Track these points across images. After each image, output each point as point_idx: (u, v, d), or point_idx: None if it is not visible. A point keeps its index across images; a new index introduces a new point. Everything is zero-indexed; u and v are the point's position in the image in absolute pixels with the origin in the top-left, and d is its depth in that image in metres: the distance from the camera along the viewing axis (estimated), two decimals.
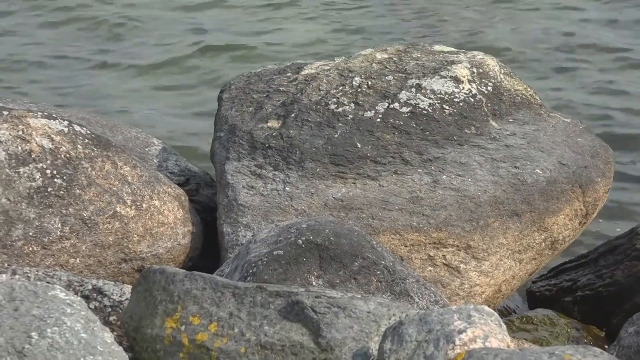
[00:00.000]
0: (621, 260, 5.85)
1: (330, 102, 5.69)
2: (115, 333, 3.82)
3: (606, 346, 5.03)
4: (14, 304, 3.48)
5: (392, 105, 5.67)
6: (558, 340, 5.34)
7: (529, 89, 6.14)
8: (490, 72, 5.96)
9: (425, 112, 5.66)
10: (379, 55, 6.01)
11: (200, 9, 11.69)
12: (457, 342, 3.34)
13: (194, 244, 5.36)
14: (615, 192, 6.56)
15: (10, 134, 5.01)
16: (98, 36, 11.20)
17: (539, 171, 5.53)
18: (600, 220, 6.33)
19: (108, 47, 10.75)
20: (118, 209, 5.11)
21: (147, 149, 5.99)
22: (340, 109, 5.66)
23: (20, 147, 5.00)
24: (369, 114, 5.64)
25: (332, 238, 4.37)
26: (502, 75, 6.01)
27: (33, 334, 3.36)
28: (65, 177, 5.03)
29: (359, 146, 5.51)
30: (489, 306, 4.28)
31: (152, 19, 11.44)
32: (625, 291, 5.73)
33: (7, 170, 4.92)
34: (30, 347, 3.32)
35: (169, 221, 5.26)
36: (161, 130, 7.91)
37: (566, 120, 6.03)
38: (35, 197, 4.94)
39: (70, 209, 4.99)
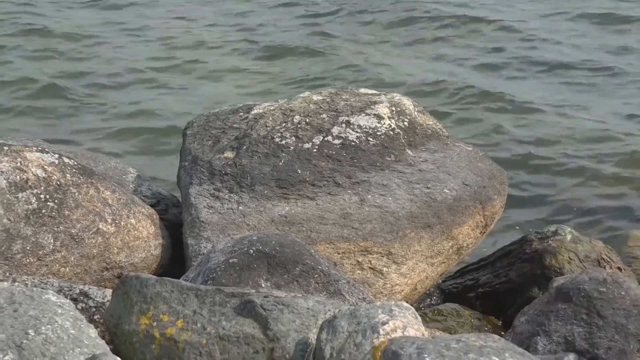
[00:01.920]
0: (514, 263, 5.87)
1: (275, 136, 5.68)
2: (98, 329, 3.78)
3: (502, 333, 5.03)
4: (13, 306, 3.45)
5: (326, 138, 5.66)
6: (464, 329, 5.35)
7: (437, 123, 6.16)
8: (406, 110, 5.97)
9: (353, 143, 5.66)
10: (314, 97, 6.01)
11: None
12: (381, 332, 3.33)
13: (164, 254, 5.33)
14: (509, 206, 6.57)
15: (10, 165, 4.97)
16: None
17: (446, 191, 5.54)
18: (497, 230, 6.33)
19: None
20: (101, 226, 5.07)
21: (124, 177, 5.96)
22: (283, 142, 5.65)
23: (18, 176, 4.96)
24: (307, 145, 5.63)
25: (277, 248, 4.36)
26: (416, 113, 6.02)
27: (30, 331, 3.33)
28: (56, 201, 5.00)
29: (299, 172, 5.50)
30: (407, 302, 4.27)
31: None
32: (518, 288, 5.75)
33: (8, 195, 4.88)
34: (27, 342, 3.29)
35: (143, 236, 5.23)
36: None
37: (468, 148, 6.05)
38: (31, 217, 4.91)
39: (60, 227, 4.96)
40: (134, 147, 8.64)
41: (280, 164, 5.53)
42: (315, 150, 5.61)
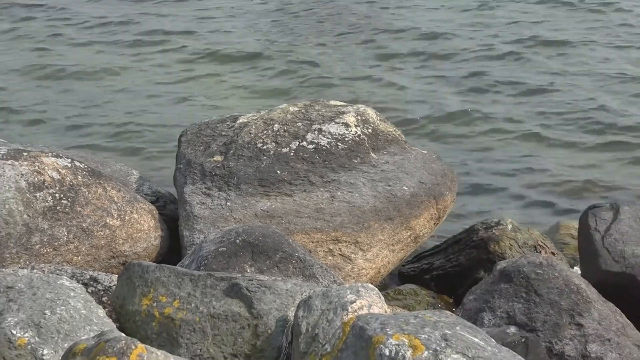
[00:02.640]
0: (463, 249, 5.89)
1: (257, 142, 5.68)
2: (106, 309, 3.78)
3: (454, 309, 5.04)
4: (32, 290, 3.45)
5: (301, 144, 5.67)
6: (420, 306, 5.36)
7: (397, 130, 6.17)
8: (370, 119, 5.98)
9: (325, 148, 5.66)
10: (291, 108, 6.01)
11: None
12: (350, 309, 3.34)
13: (163, 244, 5.32)
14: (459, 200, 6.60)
15: (29, 169, 4.96)
16: None
17: (405, 188, 5.55)
18: (448, 221, 6.35)
19: None
20: (108, 220, 5.06)
21: (128, 178, 5.95)
22: (264, 147, 5.65)
23: (36, 178, 4.95)
24: (285, 149, 5.63)
25: (260, 238, 4.36)
26: (378, 121, 6.03)
27: (47, 311, 3.33)
28: (69, 199, 4.99)
29: (279, 173, 5.50)
30: (372, 284, 4.28)
31: None
32: (466, 270, 5.76)
33: (27, 194, 4.87)
34: (44, 321, 3.29)
35: (145, 229, 5.23)
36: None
37: (423, 151, 6.07)
38: (47, 213, 4.90)
39: (73, 221, 4.95)
40: (136, 151, 8.62)
41: (262, 166, 5.53)
42: (292, 154, 5.61)
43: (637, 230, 5.26)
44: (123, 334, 3.05)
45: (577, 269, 5.59)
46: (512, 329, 4.15)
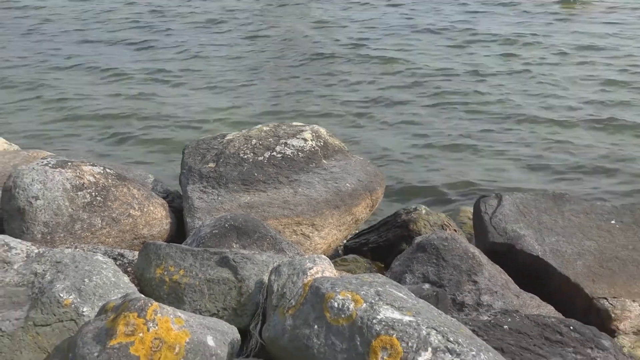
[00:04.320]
0: (390, 228, 5.89)
1: (240, 153, 5.64)
2: (130, 277, 3.73)
3: (384, 272, 5.05)
4: (75, 264, 3.39)
5: (272, 153, 5.64)
6: (360, 271, 5.36)
7: (342, 143, 6.16)
8: (322, 135, 5.97)
9: (289, 156, 5.64)
10: (265, 128, 5.98)
11: None
12: (309, 274, 3.32)
13: (172, 229, 5.26)
14: (387, 193, 6.61)
15: (72, 174, 4.90)
16: None
17: (348, 184, 5.54)
18: (379, 208, 6.36)
19: None
20: (131, 212, 5.00)
21: (145, 180, 5.89)
22: (246, 156, 5.61)
23: (77, 181, 4.88)
24: (260, 158, 5.60)
25: (243, 223, 4.33)
26: (327, 136, 6.02)
27: (85, 279, 3.28)
28: (102, 196, 4.92)
29: (256, 175, 5.47)
30: (324, 255, 4.27)
31: None
32: (393, 244, 5.76)
33: (71, 193, 4.81)
34: (84, 286, 3.24)
35: (158, 217, 5.17)
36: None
37: (361, 158, 6.06)
38: (86, 207, 4.83)
39: (105, 213, 4.88)
40: (153, 159, 8.58)
41: (244, 170, 5.50)
42: (265, 161, 5.58)
43: (514, 212, 5.29)
44: (142, 295, 3.02)
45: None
46: (427, 286, 4.16)
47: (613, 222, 5.27)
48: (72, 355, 2.71)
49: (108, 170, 5.17)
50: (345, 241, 6.02)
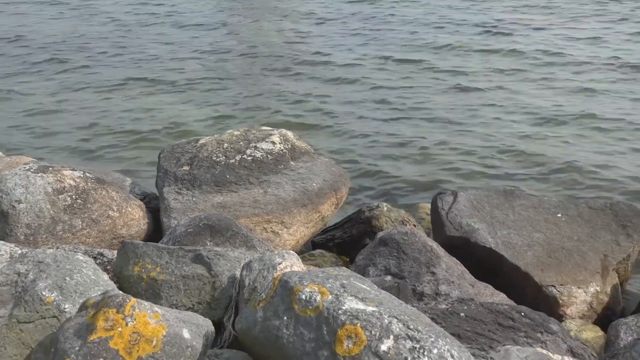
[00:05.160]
0: (354, 225, 5.90)
1: (213, 156, 5.61)
2: (109, 275, 3.69)
3: (349, 266, 5.06)
4: (56, 263, 3.34)
5: (243, 156, 5.62)
6: (327, 265, 5.36)
7: (309, 146, 6.15)
8: (290, 138, 5.96)
9: (259, 159, 5.62)
10: (236, 132, 5.96)
11: None
12: (278, 269, 3.31)
13: (149, 228, 5.22)
14: (351, 192, 6.61)
15: (53, 179, 4.84)
16: None
17: (314, 184, 5.54)
18: (344, 206, 6.36)
19: None
20: (110, 213, 4.95)
21: (124, 183, 5.83)
22: (218, 159, 5.58)
23: (59, 185, 4.83)
24: (232, 160, 5.57)
25: (216, 221, 4.31)
26: (295, 139, 6.01)
27: (67, 277, 3.23)
28: (82, 199, 4.87)
29: (228, 177, 5.44)
30: (293, 250, 4.26)
31: None
32: (357, 239, 5.78)
33: (53, 196, 4.75)
34: (65, 284, 3.19)
35: (136, 218, 5.12)
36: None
37: (326, 159, 6.06)
38: (67, 209, 4.78)
39: (85, 214, 4.83)
40: (131, 163, 8.50)
41: (217, 172, 5.47)
42: (237, 163, 5.56)
43: (469, 208, 5.33)
44: (121, 292, 2.98)
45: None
46: (388, 278, 4.17)
47: (559, 215, 5.34)
48: (54, 350, 2.67)
49: (87, 174, 5.12)
50: (313, 237, 6.01)
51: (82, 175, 5.04)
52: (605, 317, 4.83)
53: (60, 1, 18.35)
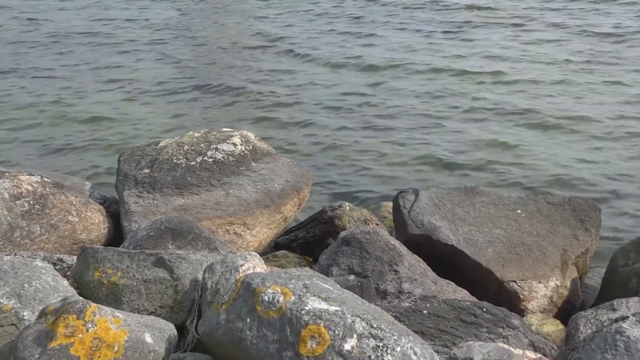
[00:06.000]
0: (317, 225, 5.89)
1: (173, 158, 5.57)
2: (69, 281, 3.63)
3: (313, 266, 5.06)
4: (14, 270, 3.28)
5: (204, 158, 5.58)
6: (290, 265, 5.34)
7: (269, 146, 6.14)
8: (251, 140, 5.94)
9: (220, 160, 5.59)
10: (196, 134, 5.92)
11: None
12: (240, 270, 3.30)
13: (109, 233, 5.16)
14: (313, 192, 6.61)
15: (10, 184, 4.76)
16: None
17: (276, 185, 5.53)
18: (306, 206, 6.36)
19: None
20: (69, 218, 4.89)
21: (83, 187, 5.75)
22: (179, 162, 5.54)
23: (16, 190, 4.75)
24: (193, 163, 5.54)
25: (178, 224, 4.27)
26: (256, 141, 5.99)
27: (25, 284, 3.18)
28: (40, 204, 4.79)
29: (189, 179, 5.40)
30: (256, 252, 4.25)
31: None
32: (320, 239, 5.77)
33: (9, 202, 4.67)
34: (24, 291, 3.14)
35: (96, 222, 5.06)
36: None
37: (288, 160, 6.06)
38: (25, 215, 4.70)
39: (44, 220, 4.76)
40: (90, 167, 8.39)
41: (177, 175, 5.43)
42: (198, 165, 5.52)
43: (430, 206, 5.36)
44: (82, 298, 2.95)
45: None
46: (352, 277, 4.17)
47: (519, 211, 5.40)
48: (14, 358, 2.63)
49: (45, 179, 5.04)
50: (276, 238, 6.00)
51: (39, 180, 4.96)
52: (566, 311, 4.91)
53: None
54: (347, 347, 2.51)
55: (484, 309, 3.78)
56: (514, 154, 8.36)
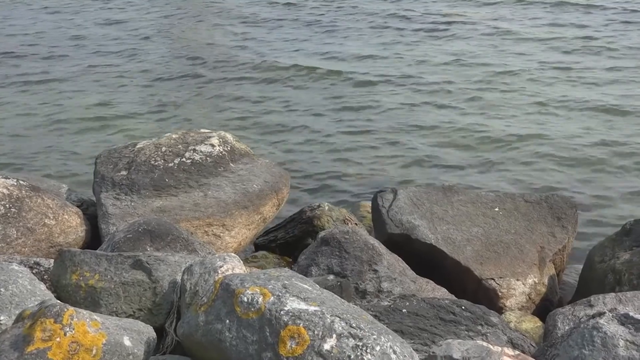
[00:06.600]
0: (296, 225, 5.90)
1: (151, 160, 5.54)
2: (46, 284, 3.61)
3: (292, 266, 5.05)
4: None
5: (182, 159, 5.56)
6: (269, 266, 5.35)
7: (248, 147, 6.12)
8: (229, 140, 5.92)
9: (198, 161, 5.57)
10: (174, 136, 5.89)
11: None
12: (219, 272, 3.29)
13: (87, 235, 5.13)
14: (292, 193, 6.61)
15: None
16: None
17: (255, 186, 5.52)
18: (285, 207, 6.36)
19: None
20: (46, 221, 4.84)
21: (60, 190, 5.72)
22: (156, 163, 5.51)
23: None
24: (171, 164, 5.51)
25: (156, 226, 4.25)
26: (234, 142, 5.97)
27: (1, 289, 3.14)
28: (17, 207, 4.75)
29: (167, 180, 5.38)
30: (235, 253, 4.24)
31: None
32: (300, 239, 5.78)
33: None
34: (0, 295, 3.11)
35: (73, 225, 5.02)
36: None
37: (266, 161, 6.05)
38: (1, 219, 4.65)
39: (20, 223, 4.71)
40: (66, 170, 8.32)
41: (155, 176, 5.40)
42: (175, 167, 5.50)
43: (409, 205, 5.38)
44: (59, 301, 2.93)
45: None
46: (331, 277, 4.18)
47: (497, 209, 5.44)
48: None
49: (21, 182, 4.99)
50: (255, 239, 5.99)
51: (15, 184, 4.91)
52: (544, 308, 4.95)
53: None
54: (326, 347, 2.51)
55: (463, 307, 3.80)
56: (493, 151, 8.41)
